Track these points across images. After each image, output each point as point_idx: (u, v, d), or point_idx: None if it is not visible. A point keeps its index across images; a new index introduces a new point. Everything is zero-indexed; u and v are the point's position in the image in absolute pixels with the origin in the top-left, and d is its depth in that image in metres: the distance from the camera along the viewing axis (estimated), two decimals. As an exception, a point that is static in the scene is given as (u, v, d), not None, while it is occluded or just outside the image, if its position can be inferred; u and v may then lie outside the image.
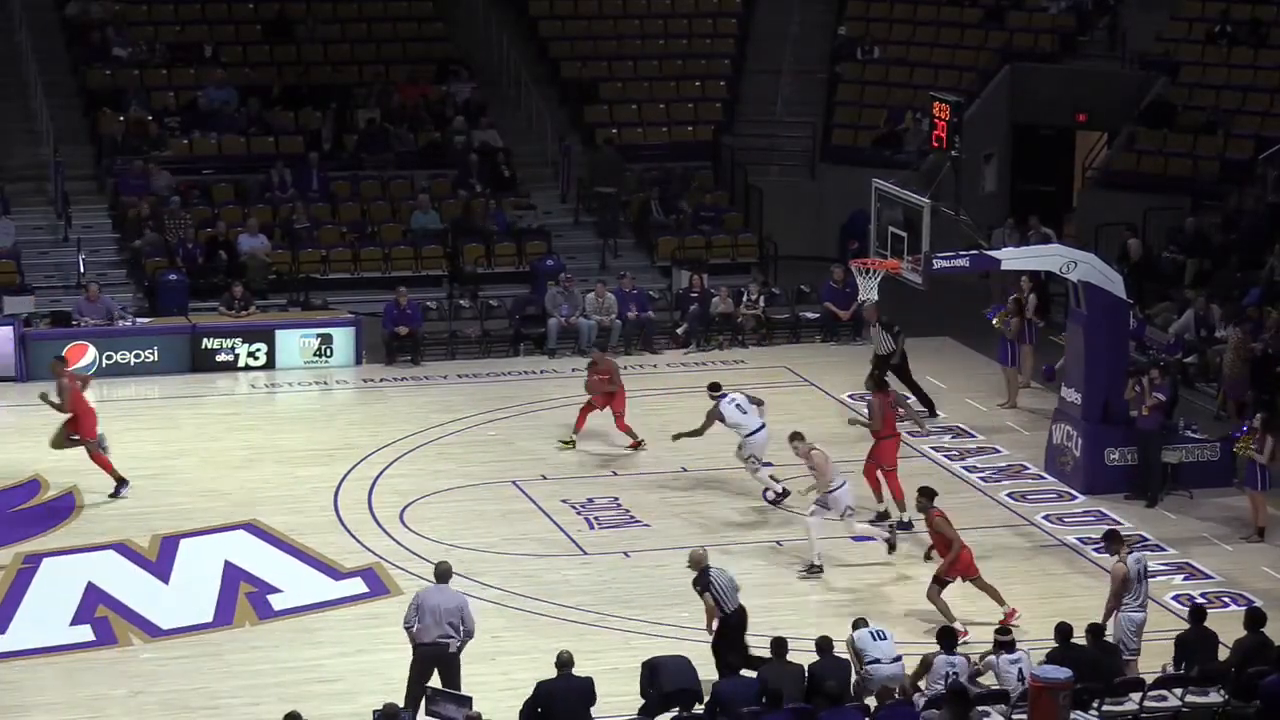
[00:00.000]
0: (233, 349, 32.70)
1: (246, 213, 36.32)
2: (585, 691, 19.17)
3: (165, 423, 30.14)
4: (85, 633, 22.67)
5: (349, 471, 27.79)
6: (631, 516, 26.22)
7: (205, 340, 32.63)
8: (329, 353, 32.80)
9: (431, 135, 38.67)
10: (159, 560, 24.67)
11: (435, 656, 19.85)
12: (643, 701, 19.62)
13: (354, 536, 25.50)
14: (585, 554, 25.08)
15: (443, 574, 20.31)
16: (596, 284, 34.47)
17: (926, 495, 23.09)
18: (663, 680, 19.45)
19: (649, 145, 39.67)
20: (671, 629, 22.49)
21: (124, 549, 24.93)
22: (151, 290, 34.52)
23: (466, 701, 19.30)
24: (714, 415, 26.86)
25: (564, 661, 19.28)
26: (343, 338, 32.88)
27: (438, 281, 35.88)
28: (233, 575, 24.17)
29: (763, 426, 26.70)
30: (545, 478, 27.53)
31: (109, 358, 32.17)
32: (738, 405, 26.78)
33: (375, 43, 40.56)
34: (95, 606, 23.23)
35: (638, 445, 28.66)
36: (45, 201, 36.67)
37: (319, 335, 33.00)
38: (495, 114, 39.42)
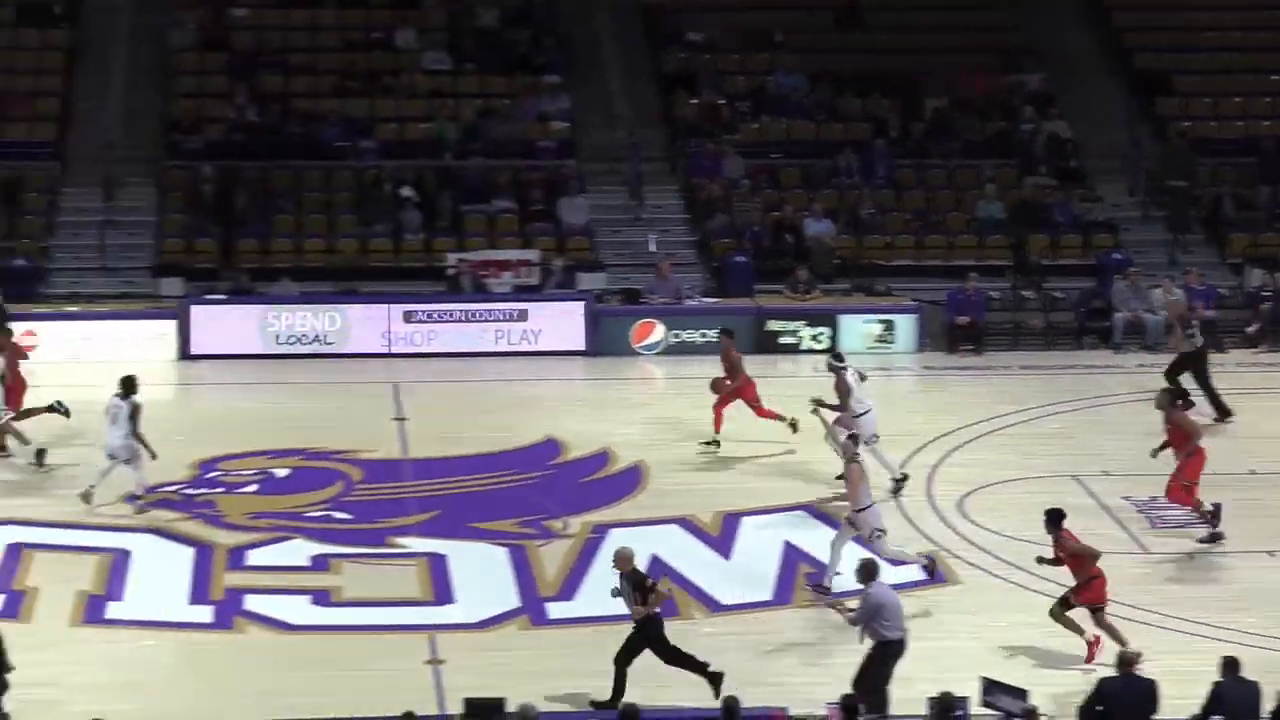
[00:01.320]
0: (796, 332, 33.15)
1: (812, 198, 36.73)
2: (1147, 694, 18.79)
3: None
4: (648, 603, 23.15)
5: (908, 458, 27.83)
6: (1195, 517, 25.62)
7: (769, 322, 33.16)
8: (891, 339, 32.93)
9: (999, 125, 38.42)
10: (721, 536, 25.13)
11: (901, 651, 19.88)
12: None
13: (912, 524, 25.54)
14: (1147, 553, 24.62)
15: (875, 571, 20.30)
16: (1163, 279, 33.79)
17: (1054, 518, 21.85)
18: (1226, 711, 18.79)
19: (1221, 140, 38.61)
20: (1237, 634, 21.91)
21: (687, 524, 25.45)
22: (719, 271, 35.19)
23: (1023, 694, 19.14)
24: (843, 388, 26.10)
25: (1126, 661, 19.00)
26: (905, 324, 33.02)
27: (1000, 271, 35.64)
28: (792, 556, 24.44)
29: (871, 409, 26.04)
30: (1107, 474, 27.09)
31: (675, 336, 32.99)
32: (859, 375, 26.41)
33: (944, 31, 40.52)
34: (658, 577, 23.68)
35: (714, 444, 27.85)
36: (619, 181, 37.69)
37: (881, 321, 33.19)
38: (1064, 104, 38.94)
